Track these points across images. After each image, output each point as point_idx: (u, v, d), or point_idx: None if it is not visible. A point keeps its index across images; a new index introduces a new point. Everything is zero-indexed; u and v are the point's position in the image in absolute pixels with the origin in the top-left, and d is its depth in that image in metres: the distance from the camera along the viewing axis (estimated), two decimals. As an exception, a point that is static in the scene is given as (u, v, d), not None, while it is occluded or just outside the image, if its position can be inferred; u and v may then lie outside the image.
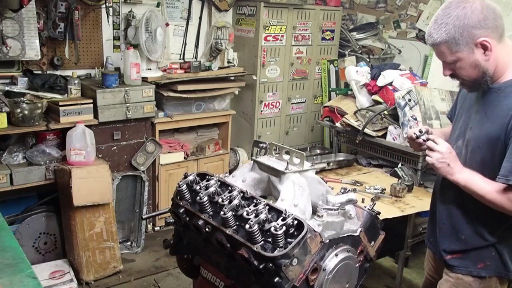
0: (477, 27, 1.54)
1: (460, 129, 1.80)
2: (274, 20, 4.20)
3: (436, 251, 1.91)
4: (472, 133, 1.72)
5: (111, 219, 3.17)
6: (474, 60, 1.60)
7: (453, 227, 1.80)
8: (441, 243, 1.86)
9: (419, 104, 3.19)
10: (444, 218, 1.84)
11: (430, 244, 1.98)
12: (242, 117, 4.44)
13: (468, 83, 1.67)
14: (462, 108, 1.85)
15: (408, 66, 4.31)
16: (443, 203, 1.85)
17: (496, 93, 1.65)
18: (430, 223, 1.98)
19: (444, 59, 1.65)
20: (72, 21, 3.35)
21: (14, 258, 1.52)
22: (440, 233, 1.87)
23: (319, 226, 1.57)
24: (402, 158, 3.39)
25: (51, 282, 2.92)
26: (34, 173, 3.00)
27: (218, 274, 1.77)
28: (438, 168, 1.69)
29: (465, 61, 1.60)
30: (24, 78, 3.22)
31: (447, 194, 1.83)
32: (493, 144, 1.62)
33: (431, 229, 1.95)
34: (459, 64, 1.62)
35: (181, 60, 4.11)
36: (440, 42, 1.59)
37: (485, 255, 1.74)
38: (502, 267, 1.74)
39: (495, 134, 1.61)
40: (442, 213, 1.86)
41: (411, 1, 4.60)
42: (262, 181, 1.87)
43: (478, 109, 1.71)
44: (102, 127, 3.30)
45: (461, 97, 1.90)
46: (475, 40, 1.56)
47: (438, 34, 1.58)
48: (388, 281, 3.37)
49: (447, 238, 1.84)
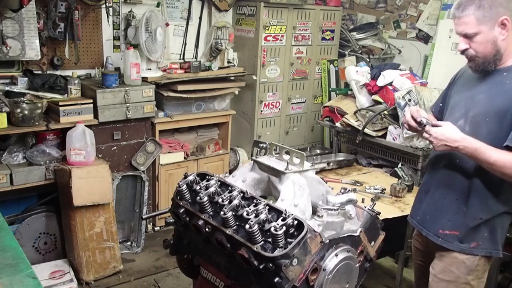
0: (503, 6, 1.71)
1: (459, 112, 1.89)
2: (274, 20, 4.20)
3: (430, 229, 1.97)
4: (477, 110, 1.82)
5: (111, 219, 3.17)
6: (493, 37, 1.73)
7: (456, 200, 1.88)
8: (440, 220, 1.92)
9: (419, 104, 3.20)
10: (445, 193, 1.91)
11: (421, 224, 2.03)
12: (242, 117, 4.44)
13: (479, 60, 1.78)
14: (459, 95, 1.96)
15: (408, 66, 4.31)
16: (444, 179, 1.93)
17: (504, 74, 1.78)
18: (423, 202, 2.02)
19: (465, 31, 1.76)
20: (72, 21, 3.34)
21: (14, 258, 1.52)
22: (439, 210, 1.93)
23: (319, 226, 1.57)
24: (402, 158, 3.39)
25: (51, 282, 2.92)
26: (34, 173, 3.00)
27: (218, 274, 1.77)
28: (445, 140, 1.76)
29: (485, 35, 1.73)
30: (24, 78, 3.22)
31: (449, 169, 1.90)
32: (501, 116, 1.74)
33: (426, 208, 2.00)
34: (478, 37, 1.74)
35: (181, 60, 4.11)
36: (469, 12, 1.71)
37: (479, 235, 1.86)
38: (492, 247, 1.87)
39: (504, 107, 1.74)
40: (443, 188, 1.93)
41: (411, 1, 4.60)
42: (262, 181, 1.87)
43: (483, 90, 1.83)
44: (102, 127, 3.30)
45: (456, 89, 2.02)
46: (498, 17, 1.71)
47: (469, 3, 1.72)
48: (388, 281, 3.37)
49: (447, 213, 1.91)
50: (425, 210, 2.00)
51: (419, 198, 2.07)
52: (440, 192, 1.94)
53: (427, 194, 2.01)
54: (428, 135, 1.80)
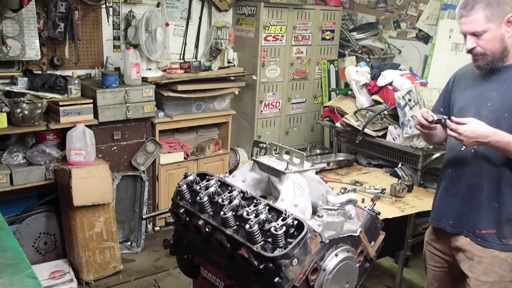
0: (509, 4, 1.76)
1: (470, 112, 1.87)
2: (274, 20, 4.20)
3: (470, 230, 1.92)
4: (492, 107, 1.83)
5: (111, 219, 3.17)
6: (500, 34, 1.77)
7: (487, 198, 1.86)
8: (475, 220, 1.89)
9: (419, 104, 3.19)
10: (475, 193, 1.89)
11: (457, 227, 1.96)
12: (242, 117, 4.44)
13: (488, 58, 1.80)
14: (464, 97, 1.96)
15: (408, 66, 4.31)
16: (471, 179, 1.90)
17: None
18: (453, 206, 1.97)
19: (474, 29, 1.78)
20: (72, 21, 3.34)
21: (14, 258, 1.52)
22: (472, 210, 1.90)
23: (319, 226, 1.57)
24: (402, 158, 3.39)
25: (51, 282, 2.92)
26: (34, 173, 3.00)
27: (218, 274, 1.77)
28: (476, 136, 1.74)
29: (493, 33, 1.77)
30: (24, 78, 3.22)
31: (474, 169, 1.89)
32: None
33: (459, 211, 1.95)
34: (486, 35, 1.77)
35: (181, 60, 4.11)
36: (478, 10, 1.75)
37: None
38: None
39: None
40: (471, 188, 1.90)
41: (411, 1, 4.60)
42: (262, 181, 1.87)
43: (493, 87, 1.85)
44: (102, 127, 3.30)
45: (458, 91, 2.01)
46: (505, 15, 1.75)
47: (477, 2, 1.75)
48: (388, 281, 3.37)
49: (480, 212, 1.88)
50: (458, 213, 1.96)
51: (447, 202, 2.01)
52: (470, 193, 1.91)
53: (455, 197, 1.97)
54: (457, 134, 1.77)
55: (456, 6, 4.08)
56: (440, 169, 3.77)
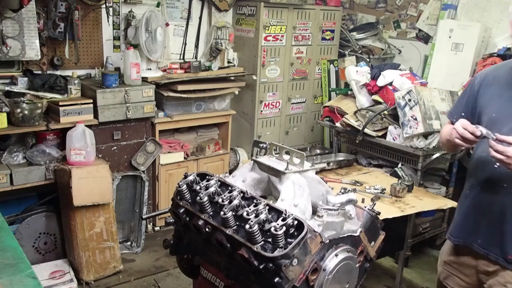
0: None
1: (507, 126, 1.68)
2: (274, 20, 4.20)
3: (498, 254, 1.78)
4: None
5: (111, 219, 3.17)
6: None
7: None
8: (506, 245, 1.75)
9: (419, 104, 3.20)
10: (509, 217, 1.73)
11: (486, 248, 1.81)
12: (242, 117, 4.44)
13: None
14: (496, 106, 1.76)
15: (408, 66, 4.31)
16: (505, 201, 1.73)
17: None
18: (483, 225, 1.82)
19: None
20: (72, 21, 3.34)
21: (14, 258, 1.52)
22: (503, 234, 1.75)
23: (319, 226, 1.57)
24: (402, 158, 3.39)
25: (51, 282, 2.92)
26: (34, 173, 3.00)
27: (218, 274, 1.77)
28: None
29: None
30: (24, 78, 3.22)
31: None
32: None
33: (490, 232, 1.79)
34: None
35: (181, 60, 4.11)
36: None
37: None
38: None
39: None
40: (505, 212, 1.73)
41: (411, 1, 4.60)
42: (262, 181, 1.86)
43: None
44: (102, 127, 3.30)
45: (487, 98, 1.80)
46: None
47: None
48: (388, 281, 3.37)
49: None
50: (489, 233, 1.80)
51: (475, 220, 1.85)
52: (502, 215, 1.75)
53: (483, 216, 1.81)
54: (504, 157, 1.56)
55: (456, 6, 4.10)
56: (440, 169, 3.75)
